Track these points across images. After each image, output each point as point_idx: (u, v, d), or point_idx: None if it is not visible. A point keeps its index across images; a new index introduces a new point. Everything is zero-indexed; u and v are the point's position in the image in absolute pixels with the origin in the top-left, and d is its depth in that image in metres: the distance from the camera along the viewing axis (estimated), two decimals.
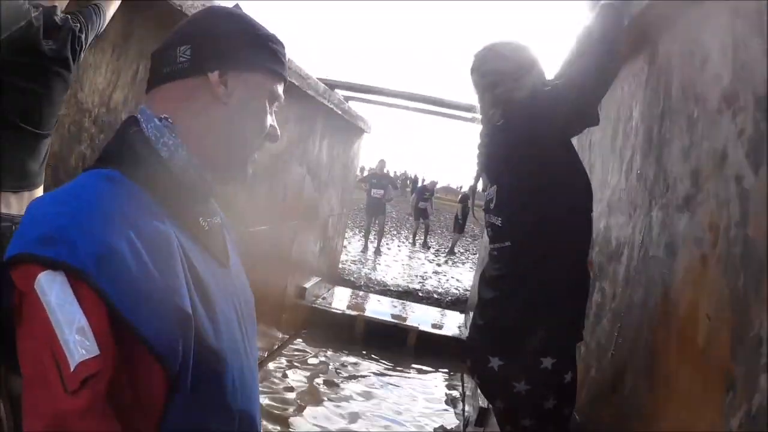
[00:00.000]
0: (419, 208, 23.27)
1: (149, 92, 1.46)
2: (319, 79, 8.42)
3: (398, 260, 19.09)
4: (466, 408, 7.44)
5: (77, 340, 1.10)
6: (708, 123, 2.20)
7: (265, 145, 1.56)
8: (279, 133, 1.56)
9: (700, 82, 2.35)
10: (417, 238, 24.49)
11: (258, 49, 1.47)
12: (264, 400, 7.14)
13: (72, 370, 1.08)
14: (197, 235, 1.41)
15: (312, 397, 7.65)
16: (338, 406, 7.48)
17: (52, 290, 1.13)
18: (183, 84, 1.41)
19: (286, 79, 1.56)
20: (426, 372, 9.35)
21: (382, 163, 19.74)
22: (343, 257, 15.13)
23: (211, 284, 1.35)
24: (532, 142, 2.80)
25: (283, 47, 1.54)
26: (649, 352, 2.45)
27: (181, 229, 1.35)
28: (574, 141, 3.02)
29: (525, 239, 2.84)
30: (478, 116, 3.08)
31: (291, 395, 7.52)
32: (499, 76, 2.95)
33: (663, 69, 2.90)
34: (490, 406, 3.32)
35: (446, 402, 8.22)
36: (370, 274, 15.23)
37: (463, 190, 23.38)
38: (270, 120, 1.52)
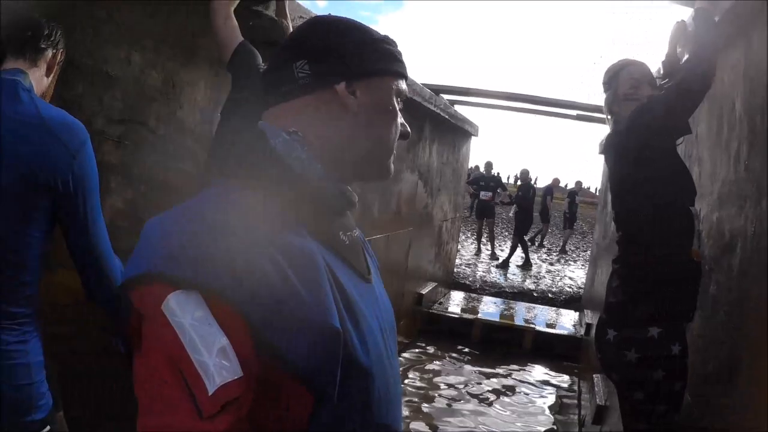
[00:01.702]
0: (545, 208, 22.99)
1: (267, 111, 1.41)
2: (424, 84, 8.50)
3: (512, 261, 18.97)
4: (583, 407, 7.41)
5: (217, 362, 1.03)
6: None
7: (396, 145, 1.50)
8: (409, 129, 1.51)
9: None
10: (537, 237, 24.36)
11: (376, 53, 1.41)
12: None
13: (210, 393, 1.01)
14: (338, 250, 1.34)
15: (430, 401, 7.68)
16: (455, 410, 7.51)
17: (186, 311, 1.05)
18: (308, 99, 1.36)
19: (407, 76, 1.49)
20: (543, 372, 9.32)
21: (488, 164, 19.48)
22: (457, 261, 15.11)
23: (357, 300, 1.29)
24: (636, 147, 3.10)
25: (397, 45, 1.49)
26: (764, 346, 2.43)
27: (323, 245, 1.28)
28: None
29: (632, 230, 3.25)
30: (606, 117, 3.44)
31: (411, 400, 7.57)
32: (626, 87, 3.30)
33: (759, 60, 2.92)
34: (608, 399, 3.45)
35: (560, 403, 8.20)
36: (484, 276, 15.20)
37: (569, 186, 22.99)
38: (400, 118, 1.47)
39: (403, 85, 1.46)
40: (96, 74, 3.11)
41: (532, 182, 20.23)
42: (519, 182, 19.48)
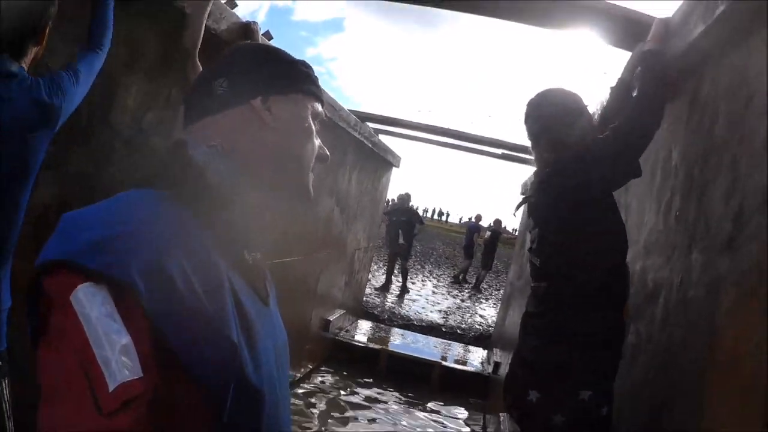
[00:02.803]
0: (470, 245, 23.16)
1: (188, 127, 1.46)
2: (351, 111, 8.47)
3: (422, 295, 19.05)
4: None
5: (119, 359, 1.01)
6: (753, 162, 2.20)
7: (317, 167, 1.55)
8: (328, 152, 1.58)
9: (745, 121, 2.35)
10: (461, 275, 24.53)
11: (293, 73, 1.50)
12: None
13: (110, 390, 0.99)
14: (242, 269, 1.36)
15: (331, 428, 7.64)
16: None
17: (93, 304, 1.04)
18: (225, 114, 1.42)
19: (323, 100, 1.58)
20: (449, 408, 9.28)
21: (406, 196, 18.51)
22: (367, 290, 15.14)
23: (254, 320, 1.31)
24: (578, 193, 2.96)
25: (313, 70, 1.56)
26: (691, 391, 2.43)
27: (228, 261, 1.30)
28: None
29: (559, 282, 3.05)
30: (531, 158, 3.34)
31: (312, 426, 7.52)
32: (552, 121, 3.13)
33: (706, 109, 2.90)
34: None
35: None
36: (393, 308, 15.22)
37: (489, 225, 23.21)
38: (318, 140, 1.53)
39: (319, 107, 1.55)
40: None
41: (415, 208, 20.09)
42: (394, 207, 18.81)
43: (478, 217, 24.84)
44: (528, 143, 3.28)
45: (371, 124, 10.50)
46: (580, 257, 2.99)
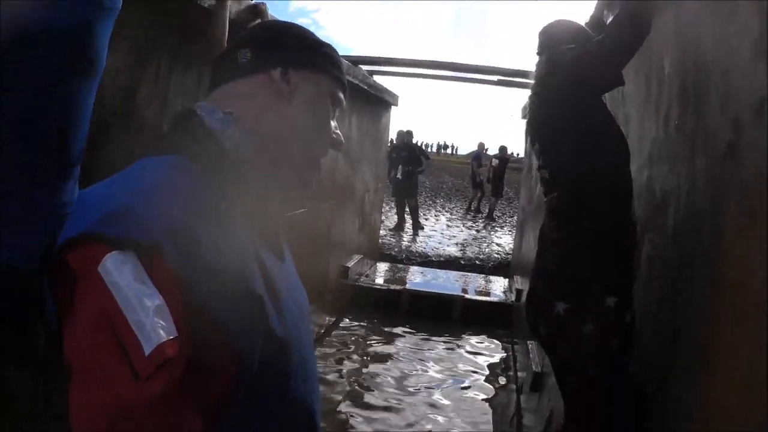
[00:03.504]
0: (477, 174, 23.18)
1: (209, 95, 1.48)
2: (341, 56, 8.38)
3: (437, 230, 19.04)
4: (519, 374, 7.41)
5: (154, 321, 1.04)
6: (742, 73, 2.19)
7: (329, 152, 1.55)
8: (343, 139, 1.56)
9: (729, 34, 2.34)
10: (473, 204, 24.65)
11: (318, 53, 1.50)
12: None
13: (147, 354, 1.01)
14: (260, 228, 1.39)
15: (361, 375, 7.68)
16: (386, 383, 7.50)
17: (123, 271, 1.06)
18: (245, 82, 1.43)
19: (346, 87, 1.56)
20: (474, 339, 9.31)
21: (408, 134, 18.44)
22: (382, 232, 15.13)
23: (276, 275, 1.34)
24: (567, 100, 3.04)
25: (338, 54, 1.56)
26: (705, 309, 2.40)
27: (246, 221, 1.34)
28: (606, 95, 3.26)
29: (571, 188, 3.12)
30: (530, 80, 3.45)
31: (341, 378, 7.55)
32: (557, 40, 3.24)
33: (690, 22, 2.89)
34: (544, 365, 3.41)
35: (499, 368, 8.19)
36: (410, 246, 15.25)
37: (495, 153, 23.10)
38: (334, 125, 1.53)
39: (339, 94, 1.53)
40: None
41: (415, 142, 19.90)
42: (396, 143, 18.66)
43: (480, 146, 24.71)
44: (523, 67, 3.42)
45: (365, 67, 10.42)
46: (584, 158, 3.04)
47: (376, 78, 11.33)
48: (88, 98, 2.85)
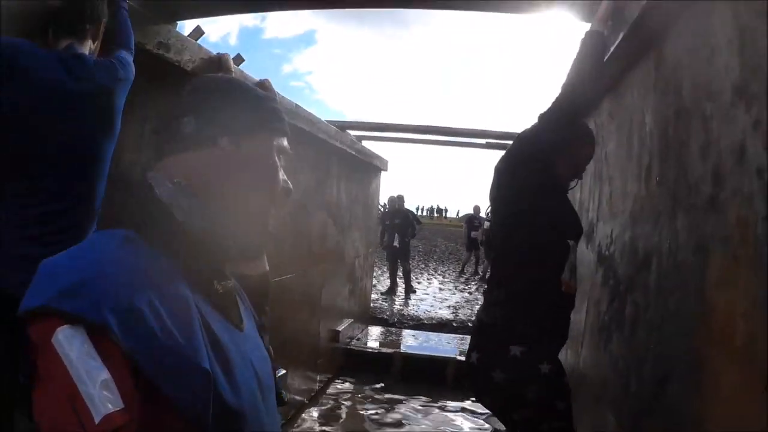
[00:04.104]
0: (471, 237, 22.98)
1: (157, 164, 1.47)
2: (328, 122, 8.46)
3: (429, 293, 19.01)
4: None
5: (101, 394, 1.08)
6: (723, 118, 2.19)
7: (281, 202, 1.55)
8: (291, 186, 1.57)
9: (710, 77, 2.34)
10: (467, 267, 24.49)
11: (259, 111, 1.51)
12: None
13: (96, 422, 1.07)
14: (212, 298, 1.41)
15: None
16: None
17: (72, 345, 1.11)
18: (193, 153, 1.43)
19: (288, 133, 1.59)
20: (468, 401, 9.12)
21: (399, 199, 18.52)
22: (373, 296, 15.07)
23: (228, 345, 1.35)
24: (511, 174, 3.32)
25: (278, 104, 1.59)
26: (692, 357, 2.40)
27: (197, 292, 1.35)
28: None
29: (500, 252, 3.44)
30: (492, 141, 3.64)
31: None
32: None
33: (671, 70, 2.91)
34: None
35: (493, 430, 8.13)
36: (402, 310, 15.15)
37: (486, 215, 23.12)
38: (282, 174, 1.54)
39: (284, 142, 1.56)
40: None
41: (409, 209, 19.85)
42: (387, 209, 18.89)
43: (476, 209, 24.71)
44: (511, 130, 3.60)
45: (355, 132, 10.50)
46: (519, 232, 3.26)
47: (366, 143, 11.39)
48: (109, 155, 3.11)
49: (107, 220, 1.31)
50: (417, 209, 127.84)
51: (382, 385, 9.72)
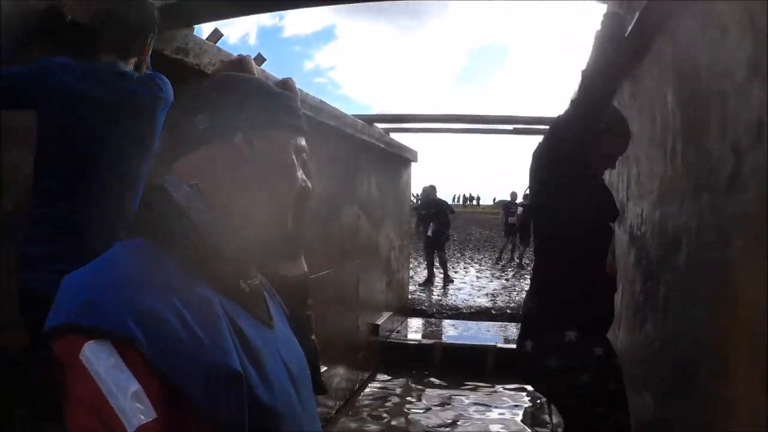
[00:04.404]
0: (508, 224, 22.89)
1: (171, 165, 1.46)
2: (354, 116, 8.50)
3: (466, 282, 18.99)
4: (554, 419, 7.35)
5: (133, 406, 1.08)
6: (738, 95, 2.19)
7: (300, 202, 1.53)
8: (310, 186, 1.55)
9: (723, 55, 2.35)
10: (504, 254, 24.43)
11: (275, 107, 1.49)
12: None
13: None
14: (238, 297, 1.39)
15: (399, 430, 7.62)
16: None
17: (100, 359, 1.10)
18: (207, 151, 1.41)
19: (306, 131, 1.56)
20: (509, 388, 9.14)
21: (430, 189, 18.50)
22: (411, 288, 15.09)
23: (257, 343, 1.34)
24: (556, 165, 3.28)
25: (297, 102, 1.57)
26: (718, 341, 2.41)
27: (222, 293, 1.34)
28: None
29: (542, 240, 3.50)
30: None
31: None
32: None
33: (686, 49, 2.92)
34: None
35: (531, 416, 8.10)
36: (440, 300, 15.15)
37: (521, 201, 22.92)
38: (300, 173, 1.51)
39: (301, 141, 1.54)
40: None
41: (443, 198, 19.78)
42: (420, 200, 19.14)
43: (513, 195, 24.55)
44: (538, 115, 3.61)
45: (381, 125, 10.50)
46: (561, 219, 3.28)
47: (394, 135, 11.37)
48: (144, 173, 3.23)
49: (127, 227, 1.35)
50: (454, 198, 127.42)
51: (423, 376, 9.72)
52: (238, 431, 1.21)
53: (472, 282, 19.02)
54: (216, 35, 4.69)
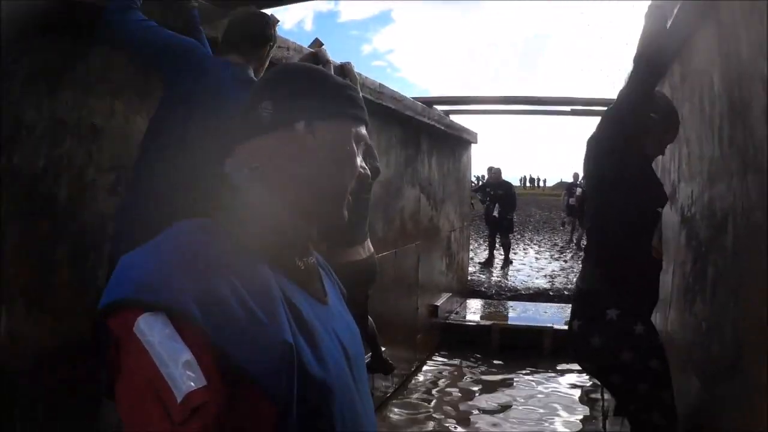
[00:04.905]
0: (569, 205, 22.80)
1: (233, 149, 1.50)
2: (414, 98, 8.51)
3: (525, 263, 18.99)
4: (606, 399, 7.37)
5: (184, 373, 1.10)
6: None
7: (359, 188, 1.57)
8: (369, 173, 1.57)
9: (765, 37, 2.36)
10: (564, 236, 24.40)
11: (336, 97, 1.51)
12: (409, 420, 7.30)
13: (179, 401, 1.08)
14: (294, 275, 1.42)
15: (456, 412, 7.66)
16: (481, 418, 7.49)
17: (154, 330, 1.13)
18: (270, 137, 1.45)
19: (367, 121, 1.57)
20: (566, 368, 9.17)
21: (497, 170, 18.60)
22: (471, 269, 15.09)
23: (312, 319, 1.35)
24: (600, 141, 3.37)
25: (358, 93, 1.58)
26: (764, 324, 2.41)
27: (277, 270, 1.36)
28: None
29: (594, 222, 3.53)
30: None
31: (436, 413, 7.56)
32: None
33: (730, 32, 2.94)
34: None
35: (587, 398, 8.13)
36: (499, 281, 15.16)
37: (580, 182, 22.64)
38: (360, 161, 1.53)
39: (362, 130, 1.54)
40: (83, 127, 3.16)
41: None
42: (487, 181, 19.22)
43: (575, 176, 24.32)
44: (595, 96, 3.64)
45: (441, 107, 10.48)
46: (610, 202, 3.34)
47: (453, 117, 11.35)
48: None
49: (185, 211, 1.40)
50: (521, 180, 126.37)
51: (481, 357, 9.80)
52: (292, 406, 1.23)
53: (531, 263, 19.06)
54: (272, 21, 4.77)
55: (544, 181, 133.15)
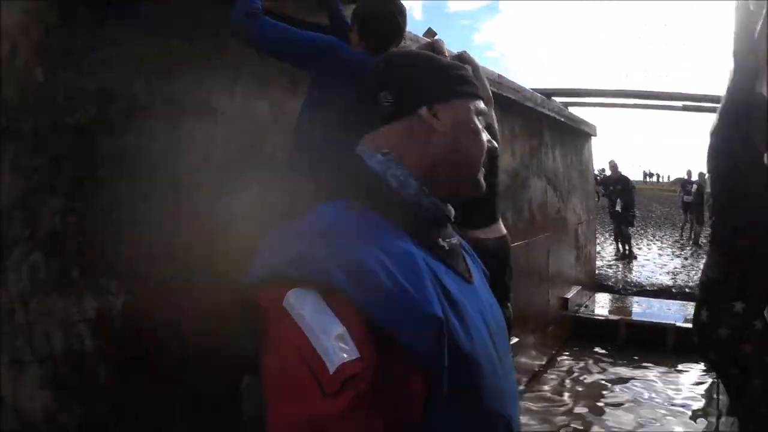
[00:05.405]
0: (685, 202, 22.62)
1: (361, 138, 1.55)
2: (532, 89, 8.47)
3: (649, 259, 18.79)
4: (721, 398, 7.24)
5: (336, 345, 1.12)
6: None
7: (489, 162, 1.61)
8: (496, 145, 1.63)
9: None
10: (684, 232, 23.95)
11: (450, 78, 1.56)
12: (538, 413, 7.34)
13: (331, 372, 1.10)
14: (438, 254, 1.44)
15: (588, 406, 7.69)
16: (611, 415, 7.49)
17: (304, 304, 1.16)
18: (395, 125, 1.49)
19: (482, 96, 1.62)
20: (687, 366, 9.13)
21: (614, 167, 18.67)
22: (598, 263, 15.05)
23: (458, 295, 1.37)
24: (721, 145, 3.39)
25: (468, 70, 1.63)
26: None
27: (423, 249, 1.38)
28: None
29: (720, 215, 3.51)
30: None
31: (564, 407, 7.62)
32: None
33: None
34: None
35: (709, 395, 8.03)
36: (625, 276, 15.05)
37: (696, 179, 22.41)
38: (485, 134, 1.58)
39: (480, 104, 1.60)
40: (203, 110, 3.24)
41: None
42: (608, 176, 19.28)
43: (688, 173, 24.04)
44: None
45: (558, 99, 10.41)
46: (735, 196, 3.33)
47: (571, 109, 11.28)
48: None
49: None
50: (645, 175, 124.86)
51: (608, 352, 9.81)
52: (443, 378, 1.24)
53: (654, 259, 18.84)
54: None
55: (668, 177, 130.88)
